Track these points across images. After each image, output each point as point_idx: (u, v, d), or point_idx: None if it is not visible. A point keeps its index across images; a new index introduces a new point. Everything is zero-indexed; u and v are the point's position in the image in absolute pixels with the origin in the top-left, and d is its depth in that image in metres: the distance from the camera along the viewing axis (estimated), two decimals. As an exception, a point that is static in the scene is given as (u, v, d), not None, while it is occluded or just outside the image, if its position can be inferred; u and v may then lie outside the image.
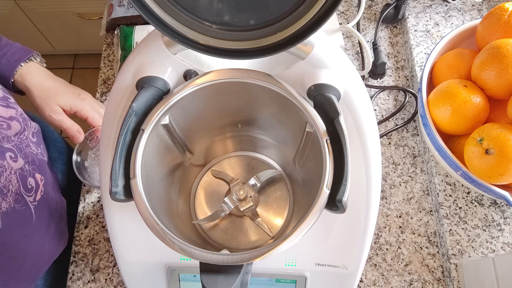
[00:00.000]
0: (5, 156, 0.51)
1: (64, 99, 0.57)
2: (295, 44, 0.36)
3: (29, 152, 0.56)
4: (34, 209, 0.54)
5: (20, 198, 0.52)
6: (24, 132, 0.55)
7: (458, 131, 0.57)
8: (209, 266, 0.34)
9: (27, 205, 0.53)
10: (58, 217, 0.60)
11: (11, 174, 0.51)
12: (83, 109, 0.58)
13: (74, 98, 0.58)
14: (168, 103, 0.39)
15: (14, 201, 0.51)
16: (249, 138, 0.53)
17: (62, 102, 0.57)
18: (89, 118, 0.59)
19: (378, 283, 0.58)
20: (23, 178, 0.53)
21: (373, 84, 0.73)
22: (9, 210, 0.50)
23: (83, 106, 0.59)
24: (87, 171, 0.62)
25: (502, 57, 0.53)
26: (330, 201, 0.34)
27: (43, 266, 0.59)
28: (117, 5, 0.77)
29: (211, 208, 0.52)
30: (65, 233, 0.62)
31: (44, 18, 1.49)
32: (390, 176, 0.65)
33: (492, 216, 0.59)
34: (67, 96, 0.58)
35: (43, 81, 0.58)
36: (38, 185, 0.56)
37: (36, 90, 0.57)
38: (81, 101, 0.59)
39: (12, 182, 0.51)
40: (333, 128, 0.36)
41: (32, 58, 0.60)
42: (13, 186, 0.51)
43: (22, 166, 0.53)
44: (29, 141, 0.57)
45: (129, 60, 0.42)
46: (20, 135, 0.55)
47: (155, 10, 0.35)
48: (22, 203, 0.52)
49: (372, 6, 0.81)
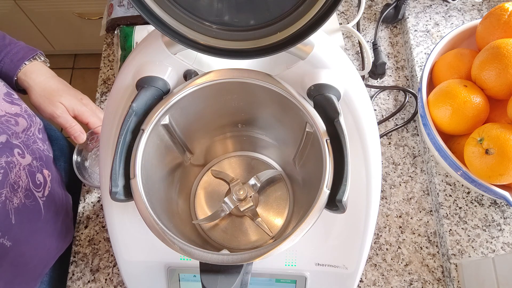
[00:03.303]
0: (14, 152, 0.51)
1: (67, 101, 0.58)
2: (295, 44, 0.36)
3: (36, 148, 0.56)
4: (43, 204, 0.55)
5: (30, 193, 0.53)
6: (31, 129, 0.56)
7: (458, 131, 0.57)
8: (209, 266, 0.34)
9: (36, 201, 0.54)
10: (64, 213, 0.61)
11: (20, 170, 0.51)
12: (85, 113, 0.59)
13: (77, 101, 0.60)
14: (168, 103, 0.39)
15: (25, 197, 0.52)
16: (249, 138, 0.53)
17: (66, 103, 0.58)
18: (90, 122, 0.60)
19: (378, 283, 0.58)
20: (31, 174, 0.53)
21: (373, 84, 0.73)
22: (20, 205, 0.51)
23: (85, 110, 0.60)
24: (88, 171, 0.62)
25: (502, 57, 0.53)
26: (330, 201, 0.34)
27: (49, 261, 0.60)
28: (117, 5, 0.77)
29: (211, 208, 0.52)
30: (70, 228, 0.63)
31: (44, 18, 1.49)
32: (390, 176, 0.65)
33: (492, 216, 0.59)
34: (70, 98, 0.59)
35: (47, 81, 0.59)
36: (46, 181, 0.57)
37: (39, 88, 0.58)
38: (83, 105, 0.60)
39: (22, 178, 0.52)
40: (333, 128, 0.36)
41: (37, 57, 0.60)
42: (23, 182, 0.52)
43: (30, 162, 0.54)
44: (36, 138, 0.57)
45: (129, 60, 0.42)
46: (27, 132, 0.55)
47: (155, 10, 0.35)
48: (32, 198, 0.53)
49: (372, 6, 0.81)
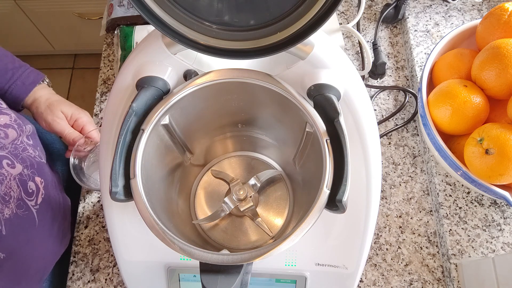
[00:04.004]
0: (3, 164, 0.51)
1: (67, 108, 0.64)
2: (295, 44, 0.36)
3: (26, 156, 0.56)
4: (36, 212, 0.55)
5: (22, 203, 0.53)
6: (19, 138, 0.56)
7: (458, 131, 0.57)
8: (209, 266, 0.34)
9: (29, 210, 0.54)
10: (61, 218, 0.61)
11: (11, 181, 0.51)
12: (82, 118, 0.65)
13: (76, 108, 0.65)
14: (168, 103, 0.39)
15: (16, 207, 0.52)
16: (249, 138, 0.53)
17: (65, 110, 0.63)
18: (85, 126, 0.65)
19: (378, 283, 0.58)
20: (23, 183, 0.54)
21: (373, 84, 0.73)
22: (11, 216, 0.51)
23: (82, 115, 0.65)
24: (85, 174, 0.62)
25: (502, 57, 0.53)
26: (330, 201, 0.34)
27: (47, 267, 0.60)
28: (117, 5, 0.77)
29: (211, 208, 0.52)
30: (67, 232, 0.62)
31: (44, 18, 1.48)
32: (390, 176, 0.65)
33: (492, 216, 0.59)
34: (69, 106, 0.65)
35: (50, 95, 0.65)
36: (39, 188, 0.57)
37: (43, 99, 0.63)
38: (81, 112, 0.66)
39: (13, 188, 0.52)
40: (333, 128, 0.36)
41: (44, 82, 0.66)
42: (14, 192, 0.52)
43: (21, 171, 0.54)
44: (25, 145, 0.57)
45: (129, 60, 0.42)
46: (15, 141, 0.55)
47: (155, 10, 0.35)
48: (24, 208, 0.53)
49: (372, 6, 0.81)
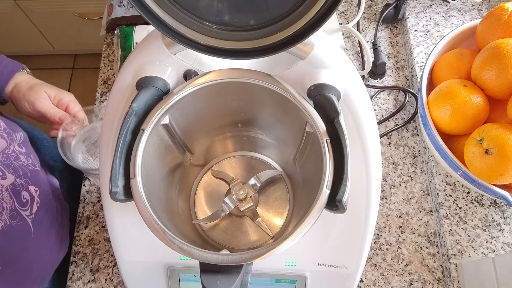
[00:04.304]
0: None
1: (49, 89, 0.62)
2: (295, 44, 0.36)
3: (18, 165, 0.54)
4: (31, 222, 0.54)
5: (16, 214, 0.52)
6: (10, 147, 0.54)
7: (458, 131, 0.57)
8: (209, 266, 0.34)
9: (23, 220, 0.53)
10: (58, 225, 0.60)
11: (2, 192, 0.50)
12: (66, 97, 0.63)
13: (58, 89, 0.64)
14: (168, 103, 0.39)
15: (10, 218, 0.51)
16: (249, 138, 0.53)
17: (48, 91, 0.62)
18: (69, 105, 0.63)
19: (378, 283, 0.58)
20: (16, 194, 0.52)
21: (373, 84, 0.73)
22: (5, 227, 0.50)
23: (66, 95, 0.64)
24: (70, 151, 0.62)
25: (502, 57, 0.53)
26: (330, 201, 0.34)
27: (47, 274, 0.60)
28: (117, 5, 0.77)
29: (211, 208, 0.52)
30: (66, 238, 0.62)
31: (44, 18, 1.49)
32: (390, 176, 0.65)
33: (492, 216, 0.59)
34: (52, 87, 0.63)
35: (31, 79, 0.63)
36: (33, 197, 0.55)
37: (24, 83, 0.61)
38: (64, 92, 0.65)
39: (6, 199, 0.50)
40: (333, 128, 0.36)
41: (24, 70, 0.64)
42: (7, 203, 0.50)
43: (13, 181, 0.52)
44: (17, 153, 0.55)
45: (129, 60, 0.42)
46: (5, 151, 0.53)
47: (155, 10, 0.35)
48: (18, 218, 0.52)
49: (372, 6, 0.81)
